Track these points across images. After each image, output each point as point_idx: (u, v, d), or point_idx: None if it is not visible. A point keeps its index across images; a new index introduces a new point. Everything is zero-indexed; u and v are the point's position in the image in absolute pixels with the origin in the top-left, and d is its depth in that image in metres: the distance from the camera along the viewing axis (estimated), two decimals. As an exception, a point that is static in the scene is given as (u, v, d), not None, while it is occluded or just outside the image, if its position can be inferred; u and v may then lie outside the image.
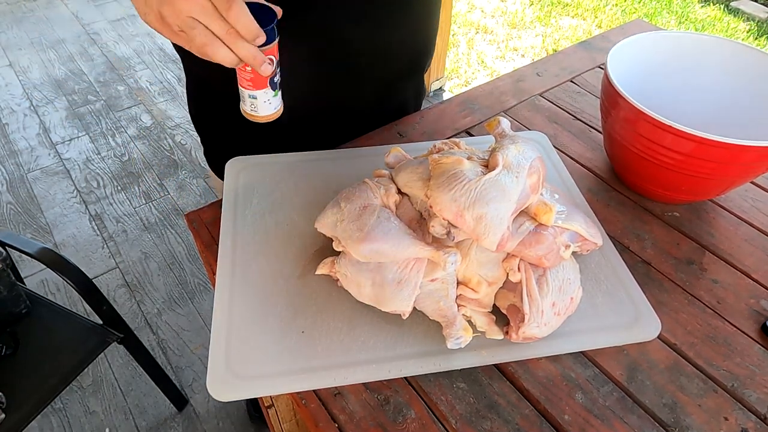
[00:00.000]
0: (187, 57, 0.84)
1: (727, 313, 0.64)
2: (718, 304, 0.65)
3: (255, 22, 0.51)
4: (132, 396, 1.46)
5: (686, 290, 0.66)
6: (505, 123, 0.64)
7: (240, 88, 0.60)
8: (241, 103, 0.62)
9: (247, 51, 0.52)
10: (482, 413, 0.55)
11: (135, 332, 1.20)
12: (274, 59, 0.57)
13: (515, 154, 0.57)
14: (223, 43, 0.50)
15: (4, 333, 1.07)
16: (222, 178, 0.92)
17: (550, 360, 0.59)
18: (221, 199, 0.74)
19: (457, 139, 0.70)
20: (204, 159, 2.17)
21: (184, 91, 2.63)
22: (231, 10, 0.48)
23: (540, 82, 1.00)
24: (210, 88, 0.84)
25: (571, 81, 1.01)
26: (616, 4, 3.30)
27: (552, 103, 0.95)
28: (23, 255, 1.07)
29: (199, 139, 2.02)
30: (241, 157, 0.80)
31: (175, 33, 0.51)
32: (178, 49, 0.79)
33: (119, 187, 2.06)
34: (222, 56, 0.52)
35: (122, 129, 2.32)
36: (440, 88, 2.57)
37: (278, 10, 0.54)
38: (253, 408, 1.42)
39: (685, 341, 0.61)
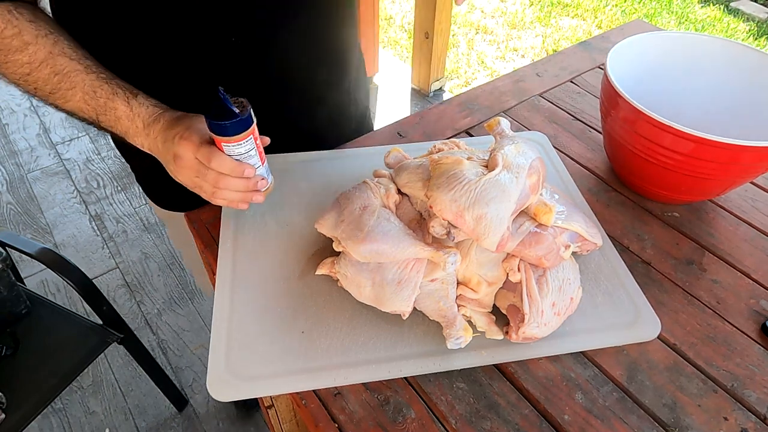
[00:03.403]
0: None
1: (727, 313, 0.64)
2: (718, 304, 0.65)
3: (237, 162, 0.59)
4: (132, 396, 1.46)
5: (686, 290, 0.66)
6: (505, 123, 0.64)
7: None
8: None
9: (241, 186, 0.60)
10: (482, 413, 0.55)
11: (135, 332, 1.20)
12: (254, 138, 0.60)
13: (515, 154, 0.57)
14: (219, 188, 0.60)
15: (4, 333, 1.07)
16: (162, 206, 0.90)
17: (550, 360, 0.59)
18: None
19: (457, 140, 0.70)
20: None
21: (184, 91, 2.62)
22: (211, 162, 0.57)
23: (540, 82, 1.00)
24: None
25: (571, 81, 1.01)
26: (616, 5, 3.30)
27: (552, 103, 0.95)
28: (23, 255, 1.07)
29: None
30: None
31: (189, 187, 0.62)
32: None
33: (119, 188, 2.06)
34: (229, 198, 0.61)
35: (122, 129, 2.32)
36: (440, 88, 2.57)
37: (246, 101, 0.58)
38: (243, 403, 1.42)
39: (685, 341, 0.61)
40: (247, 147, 0.59)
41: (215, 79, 0.71)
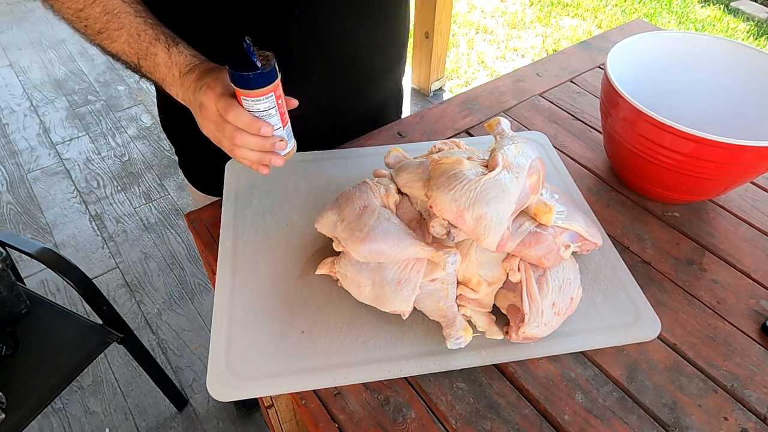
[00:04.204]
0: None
1: (727, 313, 0.64)
2: (718, 304, 0.65)
3: (253, 118, 0.57)
4: (132, 396, 1.46)
5: (686, 290, 0.66)
6: (505, 123, 0.64)
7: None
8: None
9: (257, 144, 0.59)
10: (482, 413, 0.55)
11: (135, 332, 1.20)
12: (275, 97, 0.58)
13: (515, 154, 0.57)
14: (235, 145, 0.59)
15: (4, 333, 1.07)
16: (199, 189, 0.92)
17: (550, 360, 0.59)
18: (221, 199, 0.74)
19: (457, 139, 0.70)
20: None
21: (184, 91, 2.61)
22: (228, 114, 0.57)
23: (540, 82, 1.00)
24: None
25: (571, 81, 1.01)
26: (616, 4, 3.30)
27: (552, 103, 0.95)
28: (23, 255, 1.07)
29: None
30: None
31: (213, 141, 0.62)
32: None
33: (119, 187, 2.06)
34: (245, 156, 0.60)
35: (122, 129, 2.32)
36: (440, 88, 2.57)
37: (271, 55, 0.57)
38: (243, 403, 1.42)
39: (685, 341, 0.61)
40: (266, 104, 0.56)
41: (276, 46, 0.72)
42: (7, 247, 1.07)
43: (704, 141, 0.62)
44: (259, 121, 0.57)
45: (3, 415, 0.96)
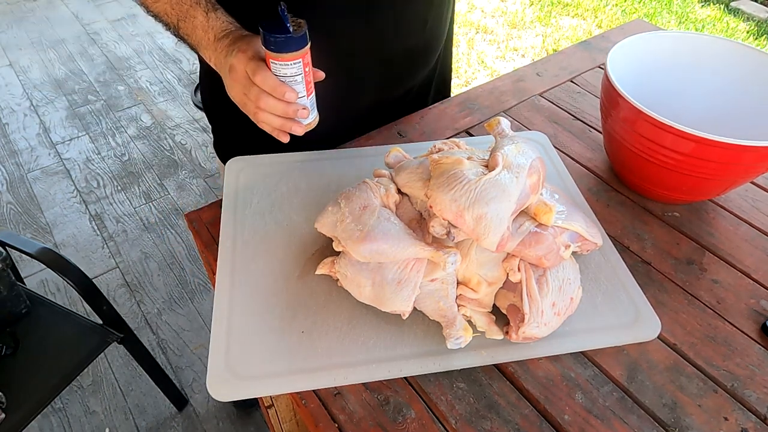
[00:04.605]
0: None
1: (727, 313, 0.64)
2: (718, 304, 0.65)
3: (279, 82, 0.58)
4: (132, 396, 1.46)
5: (686, 290, 0.66)
6: (505, 123, 0.64)
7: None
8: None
9: (280, 109, 0.60)
10: (482, 413, 0.55)
11: (135, 332, 1.20)
12: (303, 64, 0.59)
13: (515, 154, 0.57)
14: (259, 108, 0.60)
15: (4, 333, 1.07)
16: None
17: (550, 360, 0.59)
18: (221, 199, 0.74)
19: (457, 139, 0.70)
20: (203, 159, 2.17)
21: (185, 91, 2.61)
22: (256, 76, 0.58)
23: (540, 82, 1.00)
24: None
25: (571, 81, 1.01)
26: (616, 4, 3.30)
27: (552, 103, 0.95)
28: (23, 255, 1.07)
29: (198, 139, 2.02)
30: (241, 157, 0.80)
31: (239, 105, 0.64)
32: None
33: (119, 187, 2.06)
34: (268, 120, 0.61)
35: (122, 129, 2.32)
36: (440, 88, 2.57)
37: (303, 23, 0.58)
38: (242, 403, 1.42)
39: (685, 341, 0.61)
40: (293, 70, 0.58)
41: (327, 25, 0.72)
42: (7, 247, 1.07)
43: (704, 141, 0.62)
44: (284, 86, 0.58)
45: (3, 415, 0.96)
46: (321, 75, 0.64)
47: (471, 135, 0.88)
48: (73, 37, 2.88)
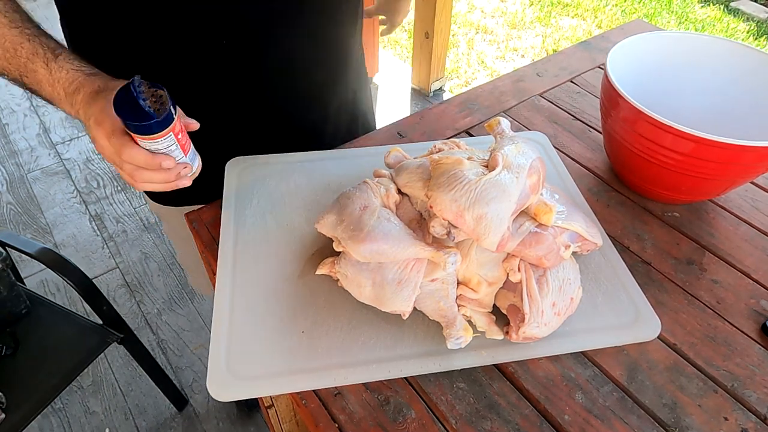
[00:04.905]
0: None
1: (727, 313, 0.64)
2: (718, 304, 0.65)
3: (150, 155, 0.53)
4: (132, 396, 1.46)
5: (686, 290, 0.66)
6: (505, 123, 0.64)
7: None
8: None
9: (160, 178, 0.55)
10: (482, 413, 0.55)
11: (135, 332, 1.20)
12: (174, 134, 0.54)
13: (515, 154, 0.57)
14: (136, 181, 0.55)
15: (4, 333, 1.07)
16: (158, 201, 0.88)
17: (550, 360, 0.59)
18: (221, 200, 0.74)
19: (457, 139, 0.70)
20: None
21: (184, 91, 2.61)
22: (123, 155, 0.52)
23: (540, 82, 1.00)
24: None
25: (571, 81, 1.01)
26: (616, 4, 3.30)
27: (552, 103, 0.95)
28: (23, 255, 1.07)
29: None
30: (241, 157, 0.80)
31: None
32: None
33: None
34: (148, 188, 0.57)
35: (122, 129, 2.32)
36: (440, 88, 2.57)
37: (165, 93, 0.53)
38: (243, 403, 1.42)
39: (685, 341, 0.61)
40: (165, 144, 0.53)
41: (208, 78, 0.70)
42: (7, 247, 1.07)
43: (704, 141, 0.62)
44: (158, 157, 0.53)
45: (3, 415, 0.96)
46: (195, 126, 0.58)
47: (471, 135, 0.89)
48: (73, 37, 2.88)
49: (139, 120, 0.49)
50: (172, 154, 0.55)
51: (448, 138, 0.86)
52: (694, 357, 0.60)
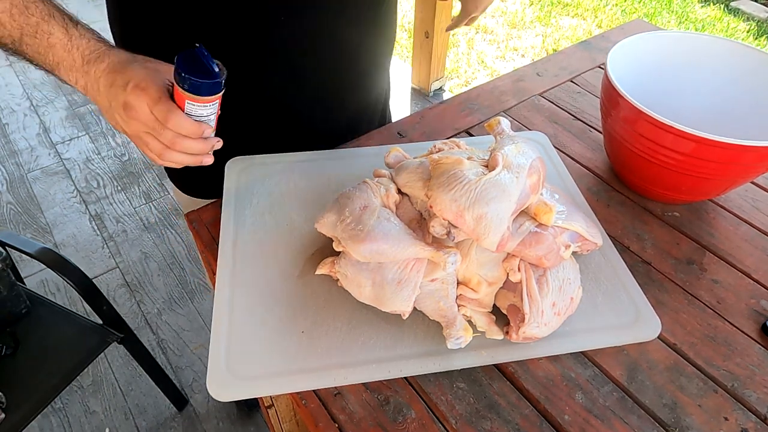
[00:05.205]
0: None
1: (727, 313, 0.64)
2: (718, 304, 0.65)
3: (197, 123, 0.54)
4: (132, 396, 1.46)
5: (686, 290, 0.66)
6: (505, 123, 0.64)
7: None
8: None
9: (198, 148, 0.56)
10: (482, 413, 0.55)
11: (135, 332, 1.20)
12: (218, 104, 0.56)
13: (515, 154, 0.57)
14: (173, 150, 0.55)
15: (4, 333, 1.07)
16: (188, 193, 0.90)
17: (550, 360, 0.59)
18: (221, 199, 0.74)
19: (457, 139, 0.70)
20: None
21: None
22: (169, 122, 0.52)
23: (540, 82, 1.00)
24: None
25: (571, 81, 1.01)
26: (616, 4, 3.30)
27: (552, 103, 0.95)
28: (23, 255, 1.07)
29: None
30: (240, 157, 0.80)
31: (134, 140, 0.57)
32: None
33: (119, 187, 2.06)
34: (178, 160, 0.56)
35: (122, 129, 2.32)
36: (440, 88, 2.57)
37: (220, 63, 0.53)
38: (243, 403, 1.42)
39: (685, 341, 0.61)
40: (210, 110, 0.55)
41: (262, 58, 0.70)
42: (7, 247, 1.07)
43: (704, 141, 0.62)
44: (202, 126, 0.54)
45: (3, 415, 0.96)
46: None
47: (471, 135, 0.89)
48: (73, 37, 2.88)
49: (205, 77, 0.51)
50: (211, 124, 0.56)
51: (448, 138, 0.86)
52: (694, 357, 0.60)
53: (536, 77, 1.01)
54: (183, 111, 0.53)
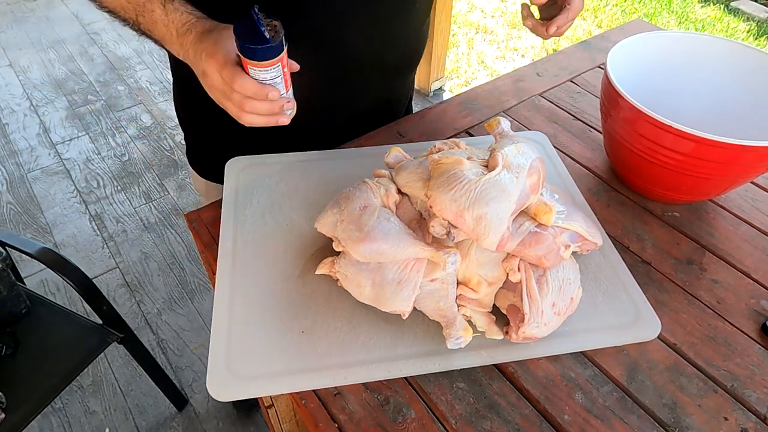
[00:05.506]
0: (177, 62, 0.85)
1: (727, 313, 0.64)
2: (718, 304, 0.65)
3: (260, 85, 0.56)
4: (132, 396, 1.46)
5: (686, 290, 0.66)
6: (505, 123, 0.64)
7: None
8: None
9: (266, 109, 0.58)
10: (482, 413, 0.55)
11: (135, 332, 1.20)
12: (281, 66, 0.57)
13: (515, 154, 0.57)
14: (244, 111, 0.57)
15: (4, 333, 1.07)
16: (206, 178, 0.93)
17: (550, 360, 0.59)
18: (221, 199, 0.74)
19: (457, 139, 0.70)
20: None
21: (184, 91, 2.61)
22: (234, 84, 0.55)
23: (540, 82, 1.00)
24: (202, 91, 0.84)
25: (571, 81, 1.01)
26: (616, 4, 3.30)
27: (552, 103, 0.95)
28: (23, 255, 1.07)
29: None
30: (241, 157, 0.80)
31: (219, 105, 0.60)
32: (170, 54, 0.80)
33: (119, 187, 2.06)
34: (253, 121, 0.59)
35: (122, 129, 2.32)
36: (440, 88, 2.57)
37: (279, 25, 0.55)
38: (241, 404, 1.42)
39: (685, 341, 0.61)
40: (273, 74, 0.56)
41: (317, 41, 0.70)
42: (7, 247, 1.07)
43: (704, 141, 0.62)
44: (266, 88, 0.56)
45: (3, 415, 0.96)
46: (296, 67, 0.61)
47: (471, 135, 0.88)
48: (73, 37, 2.88)
49: (256, 43, 0.52)
50: (278, 87, 0.57)
51: (448, 138, 0.86)
52: (694, 357, 0.60)
53: (536, 77, 1.01)
54: (248, 75, 0.55)
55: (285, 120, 0.61)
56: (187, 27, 0.59)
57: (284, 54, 0.56)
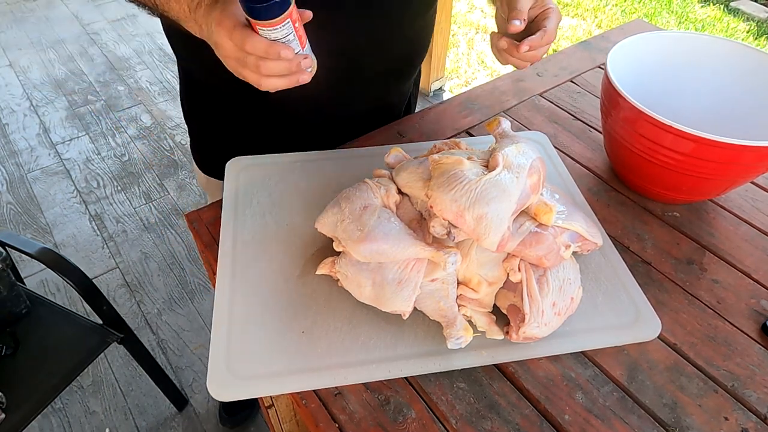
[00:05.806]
0: (182, 57, 0.85)
1: (727, 313, 0.64)
2: (718, 304, 0.65)
3: (270, 43, 0.54)
4: (132, 396, 1.46)
5: (686, 290, 0.66)
6: (505, 123, 0.64)
7: None
8: None
9: (283, 68, 0.56)
10: (482, 413, 0.55)
11: (135, 332, 1.20)
12: (292, 22, 0.56)
13: (515, 154, 0.57)
14: (261, 75, 0.56)
15: (4, 333, 1.07)
16: (210, 175, 0.94)
17: (550, 360, 0.59)
18: (221, 199, 0.74)
19: (457, 139, 0.70)
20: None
21: (184, 90, 2.62)
22: (246, 45, 0.54)
23: (540, 82, 1.00)
24: (206, 87, 0.84)
25: (571, 81, 1.01)
26: (616, 4, 3.30)
27: (552, 103, 0.95)
28: (23, 255, 1.07)
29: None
30: (241, 157, 0.80)
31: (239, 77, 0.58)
32: (174, 47, 0.80)
33: (119, 187, 2.06)
34: (274, 84, 0.57)
35: (122, 129, 2.32)
36: (440, 88, 2.57)
37: None
38: (224, 410, 1.39)
39: (685, 341, 0.61)
40: (284, 31, 0.54)
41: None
42: (7, 247, 1.07)
43: (704, 141, 0.62)
44: (277, 45, 0.54)
45: (3, 415, 0.96)
46: (309, 15, 0.58)
47: (471, 135, 0.89)
48: (73, 37, 2.88)
49: (260, 1, 0.51)
50: (291, 44, 0.56)
51: (448, 138, 0.86)
52: (695, 357, 0.60)
53: (536, 77, 1.01)
54: (259, 35, 0.55)
55: (306, 77, 0.59)
56: (197, 2, 0.58)
57: (292, 9, 0.54)
